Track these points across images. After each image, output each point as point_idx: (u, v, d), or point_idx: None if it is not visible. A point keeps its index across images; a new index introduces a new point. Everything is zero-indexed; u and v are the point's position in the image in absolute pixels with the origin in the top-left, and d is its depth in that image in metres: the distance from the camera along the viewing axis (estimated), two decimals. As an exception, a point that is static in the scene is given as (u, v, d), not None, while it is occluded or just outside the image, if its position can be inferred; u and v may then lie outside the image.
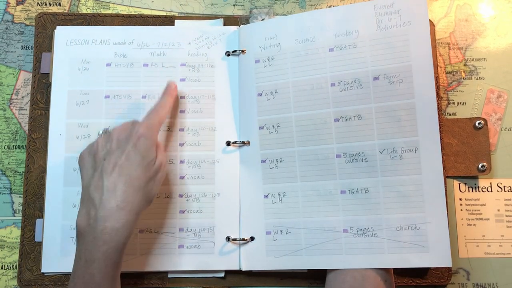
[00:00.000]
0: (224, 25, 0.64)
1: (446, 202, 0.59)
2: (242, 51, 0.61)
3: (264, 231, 0.58)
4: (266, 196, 0.59)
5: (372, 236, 0.56)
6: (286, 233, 0.58)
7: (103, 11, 0.65)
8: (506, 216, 0.61)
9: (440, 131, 0.61)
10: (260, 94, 0.59)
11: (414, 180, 0.56)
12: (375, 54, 0.57)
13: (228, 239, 0.58)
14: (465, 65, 0.65)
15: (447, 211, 0.60)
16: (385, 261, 0.55)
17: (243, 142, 0.60)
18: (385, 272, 0.55)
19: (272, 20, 0.61)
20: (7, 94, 0.63)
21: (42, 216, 0.59)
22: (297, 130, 0.58)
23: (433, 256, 0.55)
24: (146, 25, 0.63)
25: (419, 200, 0.55)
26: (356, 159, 0.57)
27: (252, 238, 0.58)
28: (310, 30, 0.59)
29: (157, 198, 0.59)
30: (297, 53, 0.59)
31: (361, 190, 0.57)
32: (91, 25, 0.63)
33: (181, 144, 0.60)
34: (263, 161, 0.59)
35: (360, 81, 0.57)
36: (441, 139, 0.61)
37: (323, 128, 0.58)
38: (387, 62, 0.57)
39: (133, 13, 0.65)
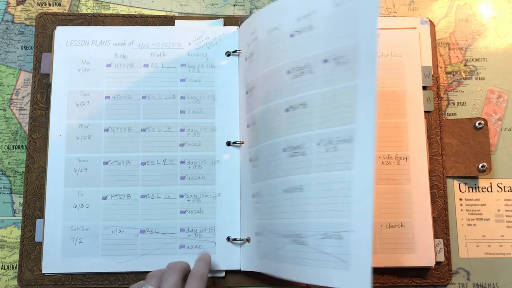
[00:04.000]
0: (224, 25, 0.64)
1: (446, 202, 0.60)
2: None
3: (254, 232, 0.57)
4: (253, 196, 0.57)
5: (301, 244, 0.49)
6: (263, 235, 0.55)
7: (103, 11, 0.65)
8: (506, 216, 0.62)
9: (440, 131, 0.62)
10: (246, 92, 0.59)
11: (343, 176, 0.47)
12: (328, 35, 0.50)
13: (228, 239, 0.58)
14: (465, 65, 0.65)
15: (447, 211, 0.60)
16: (308, 275, 0.48)
17: (242, 142, 0.60)
18: None
19: (254, 15, 0.58)
20: (7, 94, 0.63)
21: (42, 216, 0.59)
22: (262, 125, 0.55)
23: (353, 275, 0.45)
24: (146, 25, 0.63)
25: (345, 201, 0.47)
26: (296, 152, 0.51)
27: (248, 240, 0.58)
28: (277, 18, 0.55)
29: (157, 199, 0.59)
30: (266, 44, 0.55)
31: (296, 188, 0.50)
32: (91, 25, 0.63)
33: (182, 145, 0.60)
34: (250, 160, 0.58)
35: (310, 65, 0.51)
36: (441, 139, 0.61)
37: (276, 120, 0.53)
38: (336, 42, 0.49)
39: (133, 13, 0.65)
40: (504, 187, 0.62)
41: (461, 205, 0.62)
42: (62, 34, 0.61)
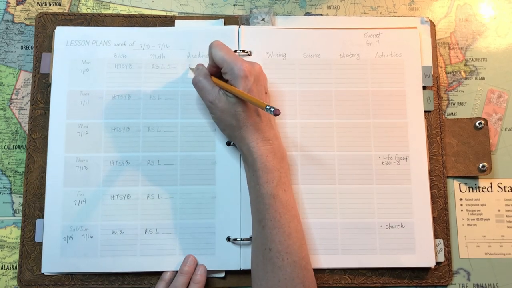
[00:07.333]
0: (224, 25, 0.63)
1: (447, 202, 0.60)
2: (243, 51, 0.61)
3: None
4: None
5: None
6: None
7: (103, 11, 0.65)
8: (506, 216, 0.61)
9: (440, 131, 0.62)
10: None
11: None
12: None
13: (228, 239, 0.58)
14: (465, 65, 0.65)
15: (448, 211, 0.60)
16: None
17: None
18: None
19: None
20: (7, 94, 0.63)
21: (42, 216, 0.59)
22: None
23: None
24: (146, 25, 0.63)
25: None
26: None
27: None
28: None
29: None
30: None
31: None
32: (91, 25, 0.63)
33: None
34: None
35: None
36: (441, 139, 0.61)
37: None
38: None
39: (133, 13, 0.65)
40: (505, 187, 0.62)
41: (461, 205, 0.62)
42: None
